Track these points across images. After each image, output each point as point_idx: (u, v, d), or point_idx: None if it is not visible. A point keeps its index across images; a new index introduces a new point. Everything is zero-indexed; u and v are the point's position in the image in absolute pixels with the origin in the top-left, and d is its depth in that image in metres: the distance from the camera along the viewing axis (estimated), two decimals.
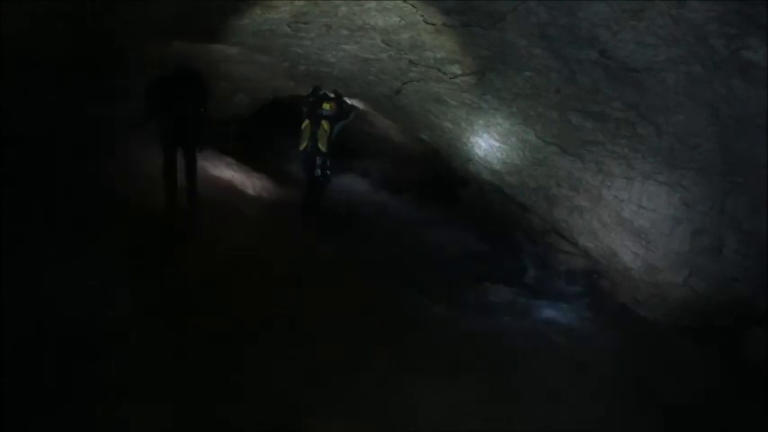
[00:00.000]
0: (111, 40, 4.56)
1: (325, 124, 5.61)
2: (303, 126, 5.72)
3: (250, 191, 6.68)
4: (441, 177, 7.84)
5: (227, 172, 6.74)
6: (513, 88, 4.44)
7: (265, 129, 8.62)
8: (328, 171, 5.92)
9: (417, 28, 4.08)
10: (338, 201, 7.15)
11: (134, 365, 3.06)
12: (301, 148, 5.80)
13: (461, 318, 4.66)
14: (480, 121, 5.25)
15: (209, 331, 3.47)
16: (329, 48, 4.93)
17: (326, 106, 5.63)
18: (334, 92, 5.87)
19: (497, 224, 6.66)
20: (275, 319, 3.80)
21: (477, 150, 5.74)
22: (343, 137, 5.92)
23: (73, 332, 3.12)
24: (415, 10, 3.85)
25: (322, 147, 5.67)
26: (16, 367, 2.76)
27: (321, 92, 5.82)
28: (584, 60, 3.70)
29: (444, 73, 4.66)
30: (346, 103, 5.91)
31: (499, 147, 5.41)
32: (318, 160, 5.80)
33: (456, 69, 4.53)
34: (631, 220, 4.60)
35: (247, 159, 7.46)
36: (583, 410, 3.58)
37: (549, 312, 5.14)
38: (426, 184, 8.46)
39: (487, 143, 5.49)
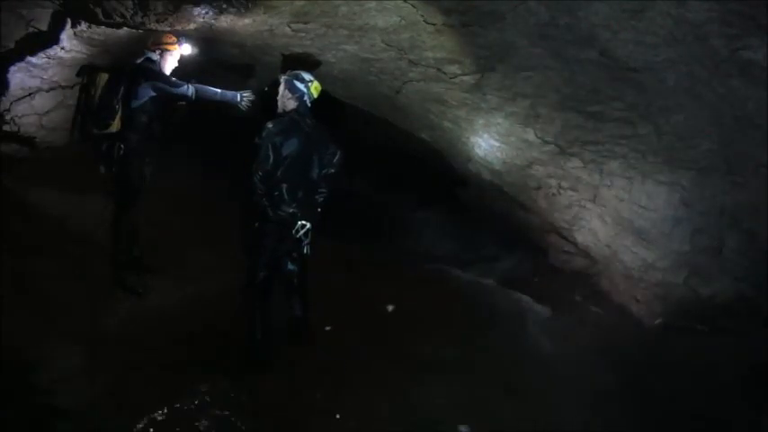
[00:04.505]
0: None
1: None
2: None
3: None
4: (440, 177, 7.83)
5: None
6: (513, 88, 4.44)
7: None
8: None
9: (417, 28, 4.08)
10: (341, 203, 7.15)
11: None
12: None
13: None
14: (480, 121, 5.24)
15: None
16: (329, 48, 4.92)
17: None
18: None
19: (497, 224, 6.65)
20: None
21: (478, 150, 5.73)
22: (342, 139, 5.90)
23: None
24: (415, 10, 3.85)
25: None
26: None
27: None
28: (584, 60, 3.71)
29: (444, 73, 4.66)
30: None
31: (499, 147, 5.41)
32: None
33: (456, 69, 4.53)
34: (631, 220, 4.60)
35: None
36: (581, 411, 3.58)
37: (547, 312, 5.14)
38: (426, 184, 8.43)
39: (487, 143, 5.48)
